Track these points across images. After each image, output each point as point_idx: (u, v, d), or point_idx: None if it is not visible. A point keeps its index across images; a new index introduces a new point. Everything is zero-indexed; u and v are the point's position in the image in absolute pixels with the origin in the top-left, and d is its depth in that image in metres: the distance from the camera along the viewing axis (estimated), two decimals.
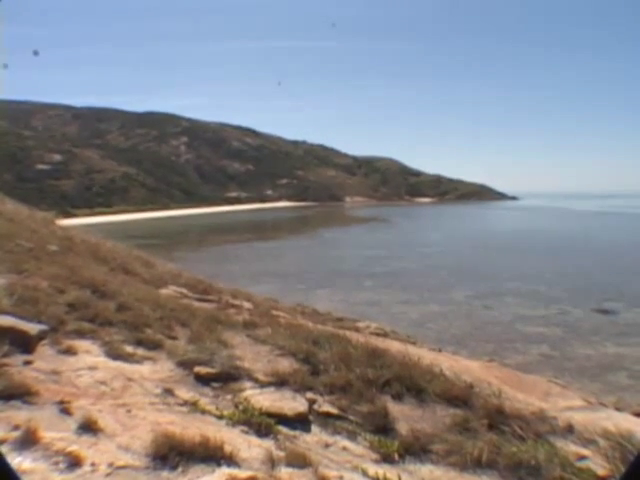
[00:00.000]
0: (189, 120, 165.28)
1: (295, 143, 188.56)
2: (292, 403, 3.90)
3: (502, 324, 18.55)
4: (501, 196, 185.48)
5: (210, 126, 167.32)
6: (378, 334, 10.70)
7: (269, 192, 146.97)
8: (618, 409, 8.05)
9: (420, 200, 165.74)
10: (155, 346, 4.86)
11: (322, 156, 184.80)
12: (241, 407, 3.69)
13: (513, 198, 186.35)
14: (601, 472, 3.72)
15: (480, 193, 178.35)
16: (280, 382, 4.32)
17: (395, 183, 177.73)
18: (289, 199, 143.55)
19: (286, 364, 4.84)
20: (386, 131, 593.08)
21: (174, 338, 5.30)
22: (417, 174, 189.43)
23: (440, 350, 10.94)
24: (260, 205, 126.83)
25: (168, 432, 2.78)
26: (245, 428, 3.40)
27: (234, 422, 3.46)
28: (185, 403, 3.70)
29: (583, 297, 22.65)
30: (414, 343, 10.99)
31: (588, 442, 4.24)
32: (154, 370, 4.34)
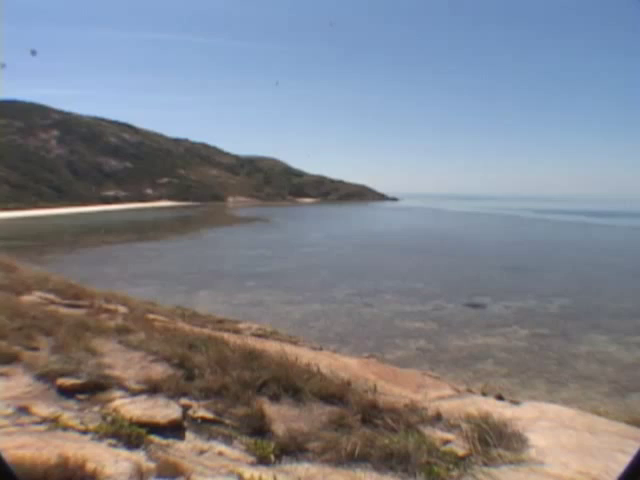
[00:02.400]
0: (61, 112, 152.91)
1: (177, 141, 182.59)
2: (165, 410, 3.83)
3: (382, 321, 19.48)
4: (382, 197, 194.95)
5: (84, 120, 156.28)
6: (260, 335, 10.73)
7: (149, 191, 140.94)
8: (484, 394, 8.84)
9: (303, 200, 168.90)
10: (10, 360, 4.49)
11: (204, 155, 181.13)
12: (109, 419, 3.54)
13: (393, 199, 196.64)
14: (461, 452, 4.10)
15: (361, 194, 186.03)
16: (153, 389, 4.22)
17: (278, 183, 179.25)
18: (170, 199, 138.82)
19: (160, 370, 4.73)
20: (270, 130, 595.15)
21: (35, 349, 4.94)
22: (300, 174, 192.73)
23: (321, 349, 11.25)
24: (140, 205, 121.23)
25: (16, 458, 2.56)
26: (113, 441, 3.27)
27: (101, 436, 3.32)
28: (44, 420, 3.46)
29: (456, 293, 24.55)
30: (296, 343, 11.20)
31: (453, 427, 4.64)
32: (7, 387, 4.00)
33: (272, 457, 3.55)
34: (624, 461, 4.48)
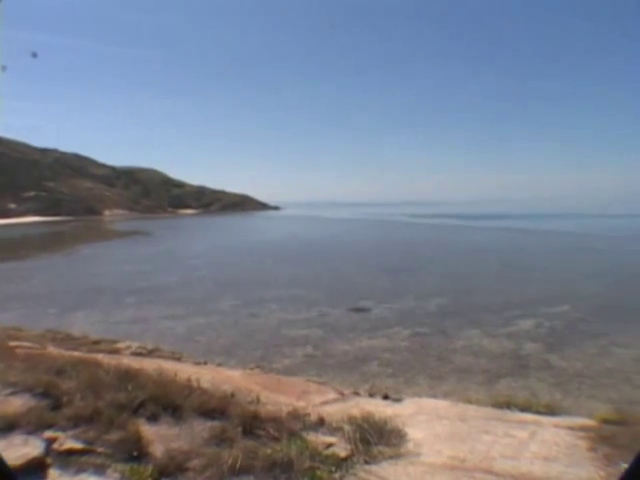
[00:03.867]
0: None
1: (44, 151, 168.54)
2: (22, 449, 3.53)
3: (269, 330, 19.50)
4: (264, 206, 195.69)
5: None
6: (140, 354, 10.32)
7: (12, 206, 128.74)
8: (371, 394, 9.22)
9: (184, 212, 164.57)
10: None
11: (77, 166, 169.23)
12: None
13: (275, 208, 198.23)
14: (343, 454, 4.27)
15: (243, 203, 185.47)
16: (9, 427, 3.87)
17: (158, 195, 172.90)
18: (39, 214, 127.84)
19: (18, 403, 4.36)
20: (148, 140, 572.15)
21: None
22: (180, 185, 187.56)
23: (205, 363, 11.07)
24: (2, 221, 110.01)
25: None
26: None
27: None
28: None
29: (340, 298, 25.27)
30: (179, 359, 10.92)
31: (336, 430, 4.80)
32: None
33: None
34: (488, 440, 4.95)
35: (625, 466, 4.35)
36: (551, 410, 6.37)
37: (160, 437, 4.11)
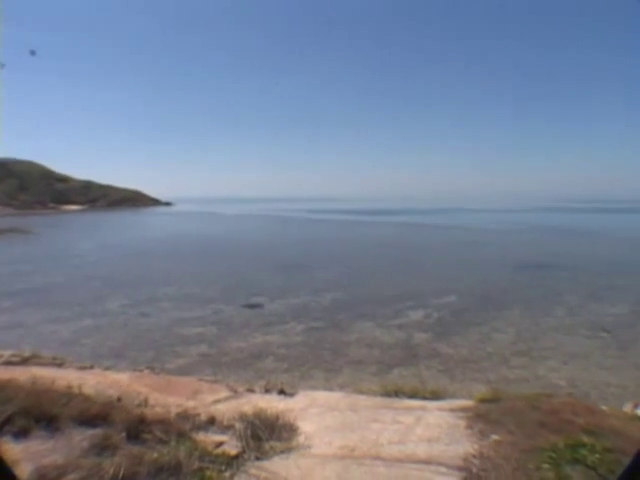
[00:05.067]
0: None
1: None
2: None
3: (161, 329, 18.89)
4: (155, 202, 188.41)
5: None
6: (13, 362, 9.54)
7: None
8: (267, 390, 9.25)
9: (68, 208, 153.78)
10: None
11: None
12: None
13: (167, 204, 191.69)
14: (234, 452, 4.27)
15: (133, 199, 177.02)
16: None
17: (37, 189, 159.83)
18: None
19: None
20: (27, 130, 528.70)
21: None
22: (64, 179, 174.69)
23: (92, 367, 10.50)
24: None
25: None
26: None
27: None
28: None
29: (235, 295, 25.05)
30: (61, 364, 10.25)
31: (227, 428, 4.78)
32: None
33: None
34: (377, 428, 5.19)
35: (496, 438, 4.80)
36: (436, 395, 6.80)
37: (30, 454, 3.82)
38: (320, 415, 5.60)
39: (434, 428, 5.16)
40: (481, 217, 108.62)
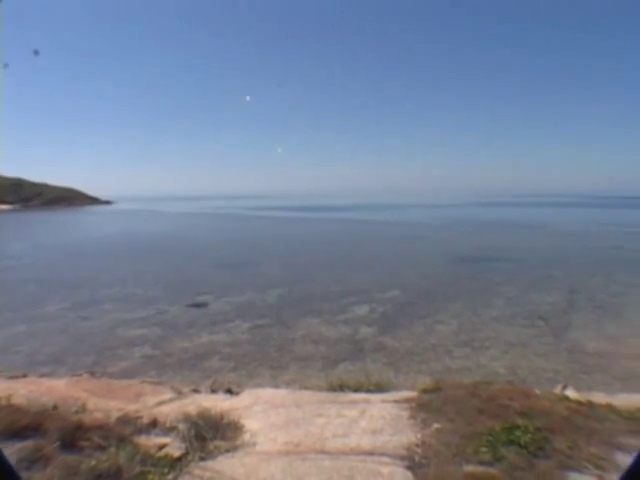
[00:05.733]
0: None
1: None
2: None
3: (102, 333, 18.32)
4: (94, 200, 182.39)
5: None
6: None
7: None
8: (214, 390, 9.14)
9: None
10: None
11: None
12: None
13: (107, 202, 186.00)
14: (177, 453, 4.21)
15: (70, 198, 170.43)
16: None
17: None
18: None
19: None
20: None
21: None
22: None
23: (25, 375, 10.05)
24: None
25: None
26: None
27: None
28: None
29: (178, 294, 24.59)
30: None
31: (170, 430, 4.70)
32: None
33: None
34: (322, 423, 5.24)
35: (437, 426, 4.96)
36: (380, 387, 6.92)
37: None
38: (265, 412, 5.59)
39: (378, 420, 5.25)
40: (423, 213, 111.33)
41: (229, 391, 8.72)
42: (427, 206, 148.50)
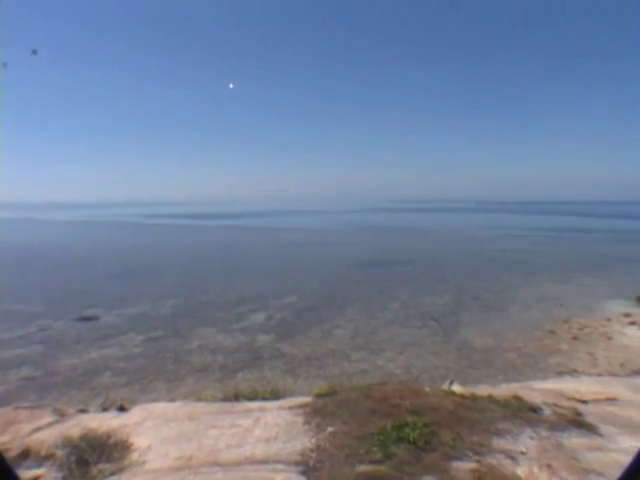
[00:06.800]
0: None
1: None
2: None
3: None
4: None
5: None
6: None
7: None
8: (105, 409, 8.60)
9: None
10: None
11: None
12: None
13: None
14: None
15: None
16: None
17: None
18: None
19: None
20: None
21: None
22: None
23: None
24: None
25: None
26: None
27: None
28: None
29: (64, 308, 23.04)
30: None
31: (46, 459, 4.33)
32: None
33: None
34: (215, 434, 5.10)
35: (331, 429, 5.01)
36: (275, 395, 6.89)
37: None
38: (156, 427, 5.34)
39: (272, 427, 5.22)
40: (316, 219, 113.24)
41: (122, 408, 8.29)
42: (321, 212, 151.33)
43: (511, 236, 63.77)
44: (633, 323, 19.51)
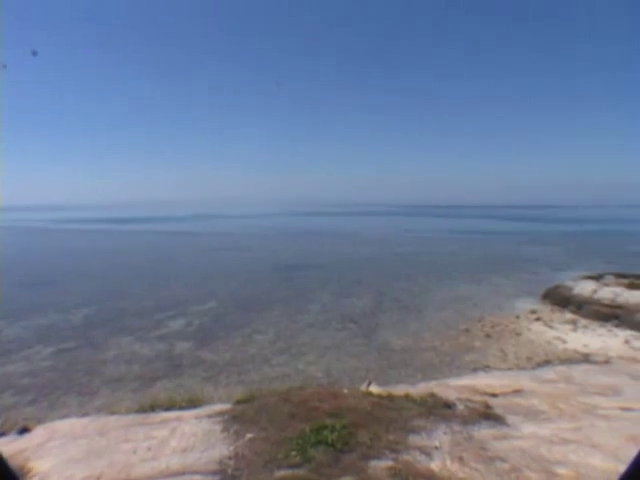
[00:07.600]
0: None
1: None
2: None
3: None
4: None
5: None
6: None
7: None
8: (3, 433, 7.94)
9: None
10: None
11: None
12: None
13: None
14: None
15: None
16: None
17: None
18: None
19: None
20: None
21: None
22: None
23: None
24: None
25: None
26: None
27: None
28: None
29: None
30: None
31: None
32: None
33: None
34: (128, 449, 4.86)
35: (250, 436, 4.93)
36: (193, 403, 6.68)
37: None
38: (62, 447, 5.01)
39: (189, 437, 5.04)
40: (238, 223, 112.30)
41: (24, 430, 7.70)
42: (244, 216, 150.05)
43: (430, 239, 66.26)
44: (538, 319, 20.90)
